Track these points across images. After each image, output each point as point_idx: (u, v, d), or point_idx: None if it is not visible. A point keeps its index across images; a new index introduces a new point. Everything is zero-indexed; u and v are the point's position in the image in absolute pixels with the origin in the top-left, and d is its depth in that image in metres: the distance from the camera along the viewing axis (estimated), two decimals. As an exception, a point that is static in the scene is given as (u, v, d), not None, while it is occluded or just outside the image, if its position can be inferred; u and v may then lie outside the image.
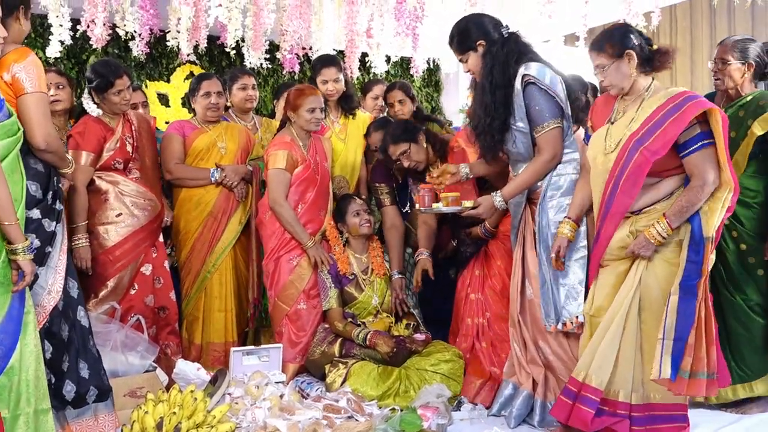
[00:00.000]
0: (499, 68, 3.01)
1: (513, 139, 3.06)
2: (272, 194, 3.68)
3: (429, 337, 3.58)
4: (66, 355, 2.66)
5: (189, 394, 2.79)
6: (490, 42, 3.05)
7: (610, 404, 2.73)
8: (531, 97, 2.97)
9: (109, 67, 3.57)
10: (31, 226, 2.49)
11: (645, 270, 2.71)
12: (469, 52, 3.11)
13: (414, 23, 4.14)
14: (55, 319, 2.60)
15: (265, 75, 6.01)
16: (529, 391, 3.07)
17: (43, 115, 2.51)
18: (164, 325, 3.76)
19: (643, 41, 2.75)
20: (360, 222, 3.67)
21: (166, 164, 3.84)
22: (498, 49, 3.03)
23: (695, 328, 2.54)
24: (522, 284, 3.14)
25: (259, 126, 4.28)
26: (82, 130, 3.51)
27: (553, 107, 2.97)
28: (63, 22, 3.69)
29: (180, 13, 3.87)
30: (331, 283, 3.66)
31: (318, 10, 4.39)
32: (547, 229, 2.99)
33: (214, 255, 3.85)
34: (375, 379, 3.32)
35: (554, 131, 2.97)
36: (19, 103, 2.47)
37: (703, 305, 2.55)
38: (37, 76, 2.48)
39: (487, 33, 3.06)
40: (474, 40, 3.08)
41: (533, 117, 2.98)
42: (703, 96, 2.73)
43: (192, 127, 3.92)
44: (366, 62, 5.33)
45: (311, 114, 3.69)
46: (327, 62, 4.07)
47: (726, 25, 5.97)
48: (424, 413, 2.96)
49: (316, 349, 3.60)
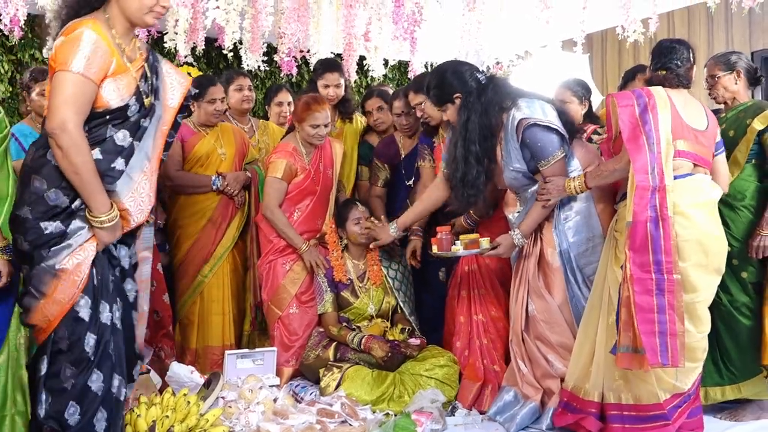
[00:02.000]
0: (475, 121, 3.01)
1: (509, 177, 3.09)
2: (266, 201, 3.71)
3: (424, 341, 3.57)
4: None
5: (182, 398, 2.78)
6: (466, 93, 3.05)
7: (580, 402, 2.84)
8: (531, 137, 2.98)
9: None
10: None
11: (609, 269, 2.86)
12: (446, 105, 3.12)
13: (412, 27, 4.13)
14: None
15: (262, 77, 6.01)
16: (537, 404, 3.05)
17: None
18: (158, 328, 3.74)
19: None
20: (360, 231, 3.67)
21: (166, 170, 3.78)
22: (474, 100, 3.03)
23: (622, 306, 2.68)
24: (525, 300, 3.14)
25: (256, 129, 4.28)
26: None
27: (553, 139, 2.99)
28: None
29: (177, 14, 3.86)
30: (327, 287, 3.65)
31: (316, 13, 4.38)
32: (569, 252, 3.03)
33: (212, 260, 3.84)
34: (369, 384, 3.31)
35: (559, 162, 3.01)
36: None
37: (624, 285, 2.68)
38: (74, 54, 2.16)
39: (463, 83, 3.07)
40: (450, 93, 3.09)
41: (537, 153, 3.00)
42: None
43: (189, 131, 3.90)
44: (364, 66, 5.33)
45: (314, 129, 3.69)
46: (331, 67, 4.09)
47: (723, 32, 5.99)
48: (419, 418, 2.96)
49: (311, 353, 3.60)
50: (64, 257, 2.19)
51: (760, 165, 3.17)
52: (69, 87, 2.14)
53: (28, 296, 2.23)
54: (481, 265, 3.50)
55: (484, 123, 3.00)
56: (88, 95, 2.18)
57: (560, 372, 3.04)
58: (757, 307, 3.14)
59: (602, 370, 2.82)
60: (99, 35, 2.18)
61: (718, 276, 2.85)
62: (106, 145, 2.24)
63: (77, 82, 2.14)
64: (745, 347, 3.15)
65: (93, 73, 2.16)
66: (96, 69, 2.17)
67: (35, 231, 2.18)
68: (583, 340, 2.90)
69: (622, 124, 2.77)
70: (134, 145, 2.30)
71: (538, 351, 3.09)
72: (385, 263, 3.77)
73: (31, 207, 2.19)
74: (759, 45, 5.83)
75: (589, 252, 3.02)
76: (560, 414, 2.92)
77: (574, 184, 2.93)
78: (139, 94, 2.32)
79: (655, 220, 2.66)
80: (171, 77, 2.49)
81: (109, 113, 2.24)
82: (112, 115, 2.25)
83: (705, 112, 2.94)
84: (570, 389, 2.90)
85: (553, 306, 3.06)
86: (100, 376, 2.26)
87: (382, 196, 4.02)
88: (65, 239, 2.20)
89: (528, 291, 3.12)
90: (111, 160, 2.25)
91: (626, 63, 5.94)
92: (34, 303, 2.21)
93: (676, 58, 2.91)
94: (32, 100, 3.41)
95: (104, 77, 2.21)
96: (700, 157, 2.85)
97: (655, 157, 2.70)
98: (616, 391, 2.80)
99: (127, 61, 2.30)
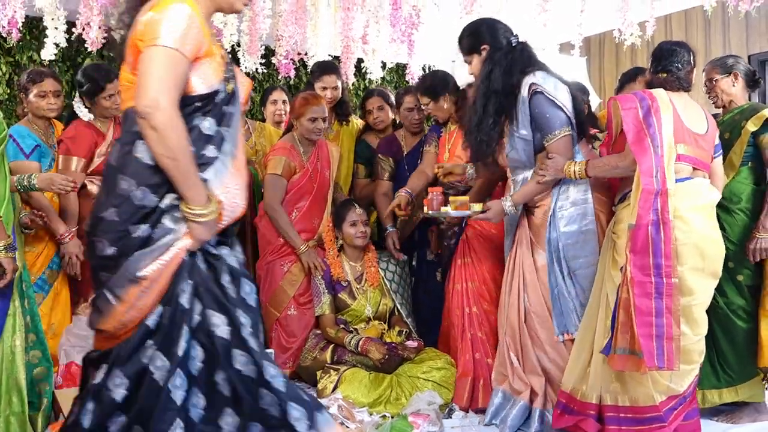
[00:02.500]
0: (498, 74, 3.02)
1: (514, 146, 3.06)
2: (267, 199, 3.71)
3: (421, 344, 3.58)
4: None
5: (179, 400, 2.77)
6: (495, 47, 3.06)
7: (578, 404, 2.84)
8: (539, 106, 2.96)
9: (99, 71, 3.56)
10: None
11: (607, 272, 2.85)
12: (473, 55, 3.13)
13: (410, 30, 4.14)
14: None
15: (260, 80, 6.01)
16: (525, 401, 3.05)
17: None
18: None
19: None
20: (355, 233, 3.67)
21: None
22: (501, 56, 3.04)
23: (621, 308, 2.67)
24: (520, 292, 3.11)
25: (252, 130, 4.28)
26: (73, 135, 3.49)
27: (559, 115, 2.97)
28: (58, 24, 3.69)
29: (175, 17, 3.86)
30: (325, 289, 3.65)
31: (314, 15, 4.39)
32: (558, 242, 2.99)
33: None
34: (366, 386, 3.31)
35: (565, 139, 2.97)
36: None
37: (624, 288, 2.67)
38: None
39: (494, 38, 3.07)
40: (479, 43, 3.09)
41: (543, 125, 2.97)
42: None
43: None
44: (362, 68, 5.34)
45: (312, 123, 3.71)
46: (328, 69, 4.10)
47: (720, 36, 6.01)
48: (415, 420, 2.96)
49: (308, 356, 3.60)
50: (149, 262, 1.93)
51: (756, 168, 3.18)
52: (162, 62, 1.90)
53: (101, 299, 1.99)
54: (474, 258, 3.49)
55: (506, 80, 3.00)
56: (182, 73, 1.95)
57: (547, 369, 3.03)
58: (753, 310, 3.15)
59: (599, 372, 2.81)
60: (193, 10, 1.97)
61: (715, 279, 2.85)
62: (192, 135, 2.00)
63: (171, 57, 1.91)
64: (741, 350, 3.16)
65: (188, 50, 1.94)
66: (190, 46, 1.95)
67: (123, 235, 1.95)
68: (582, 342, 2.90)
69: (626, 127, 2.76)
70: (223, 132, 2.07)
71: (530, 344, 3.08)
72: (383, 265, 3.77)
73: (117, 209, 1.96)
74: (756, 48, 5.84)
75: (579, 246, 2.98)
76: (559, 416, 2.92)
77: (574, 168, 2.90)
78: (225, 81, 2.10)
79: (657, 223, 2.65)
80: (238, 73, 2.26)
81: (199, 99, 2.03)
82: (202, 102, 2.04)
83: (705, 116, 2.94)
84: (569, 391, 2.90)
85: (544, 301, 3.04)
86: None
87: (388, 192, 3.95)
88: (150, 243, 1.95)
89: (524, 283, 3.10)
90: (200, 147, 2.01)
91: (623, 66, 5.95)
92: (109, 307, 1.96)
93: (677, 60, 2.91)
94: (30, 101, 3.39)
95: (196, 58, 1.99)
96: (699, 161, 2.85)
97: (659, 160, 2.70)
98: (613, 393, 2.80)
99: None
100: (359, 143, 4.27)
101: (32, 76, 3.40)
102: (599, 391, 2.82)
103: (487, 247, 3.49)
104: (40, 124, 3.41)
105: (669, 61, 2.91)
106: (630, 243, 2.67)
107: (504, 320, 3.18)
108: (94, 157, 3.54)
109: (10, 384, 2.38)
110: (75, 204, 3.47)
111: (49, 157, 3.41)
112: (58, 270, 3.42)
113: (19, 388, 2.42)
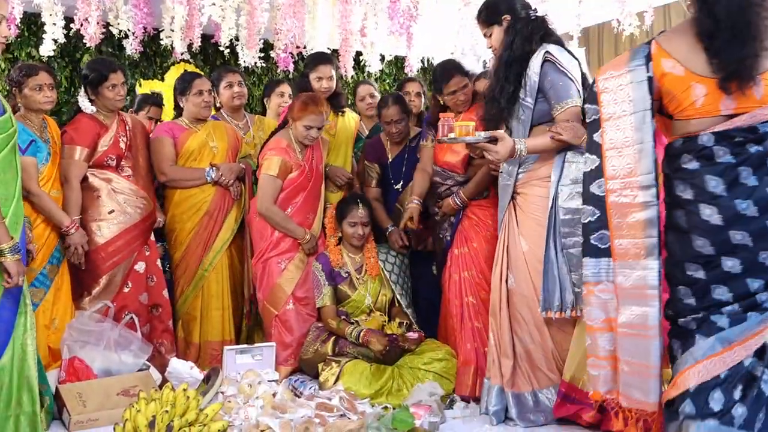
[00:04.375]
0: (519, 42, 3.02)
1: (519, 112, 3.06)
2: (261, 200, 3.70)
3: (422, 335, 3.59)
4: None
5: (181, 393, 2.79)
6: (516, 18, 3.07)
7: (579, 393, 2.84)
8: (551, 74, 2.95)
9: (104, 63, 3.64)
10: None
11: None
12: (493, 26, 3.12)
13: (408, 22, 4.14)
14: None
15: (259, 74, 6.01)
16: (500, 384, 3.06)
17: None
18: (158, 323, 3.77)
19: None
20: (353, 234, 3.67)
21: (159, 166, 3.82)
22: (522, 25, 3.05)
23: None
24: (504, 273, 3.11)
25: (251, 124, 4.29)
26: (76, 126, 3.56)
27: (570, 85, 2.95)
28: (56, 20, 3.70)
29: (174, 11, 3.87)
30: (325, 281, 3.66)
31: (312, 8, 4.39)
32: (556, 216, 2.96)
33: (211, 254, 3.86)
34: (368, 378, 3.32)
35: (576, 109, 2.93)
36: None
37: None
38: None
39: (514, 9, 3.09)
40: (500, 13, 3.10)
41: (553, 94, 2.95)
42: None
43: (181, 128, 3.90)
44: (360, 61, 5.34)
45: (307, 131, 3.71)
46: (323, 60, 4.08)
47: (719, 25, 5.98)
48: (417, 411, 2.97)
49: (309, 348, 3.61)
50: None
51: None
52: None
53: None
54: (470, 248, 3.49)
55: (526, 48, 3.02)
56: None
57: (530, 349, 3.01)
58: None
59: None
60: None
61: None
62: None
63: None
64: None
65: None
66: None
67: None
68: (581, 331, 2.91)
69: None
70: None
71: (507, 324, 3.05)
72: (382, 256, 3.78)
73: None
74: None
75: (574, 223, 2.92)
76: (559, 405, 2.93)
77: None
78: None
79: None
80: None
81: None
82: None
83: None
84: (569, 380, 2.90)
85: (532, 282, 3.01)
86: None
87: (378, 197, 4.01)
88: None
89: (509, 265, 3.08)
90: None
91: (622, 56, 5.93)
92: None
93: None
94: (25, 95, 3.35)
95: None
96: None
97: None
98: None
99: None
100: (369, 143, 4.27)
101: (26, 70, 3.38)
102: None
103: (484, 237, 3.49)
104: (34, 118, 3.41)
105: None
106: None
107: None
108: (97, 148, 3.57)
109: (21, 382, 2.37)
110: (78, 195, 3.50)
111: (45, 151, 3.41)
112: (58, 265, 3.43)
113: (30, 386, 2.42)
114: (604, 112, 2.37)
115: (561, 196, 2.96)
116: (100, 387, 3.16)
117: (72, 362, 3.26)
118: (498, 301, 3.12)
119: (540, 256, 2.97)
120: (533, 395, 3.03)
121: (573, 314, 2.92)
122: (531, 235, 3.03)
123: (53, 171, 3.45)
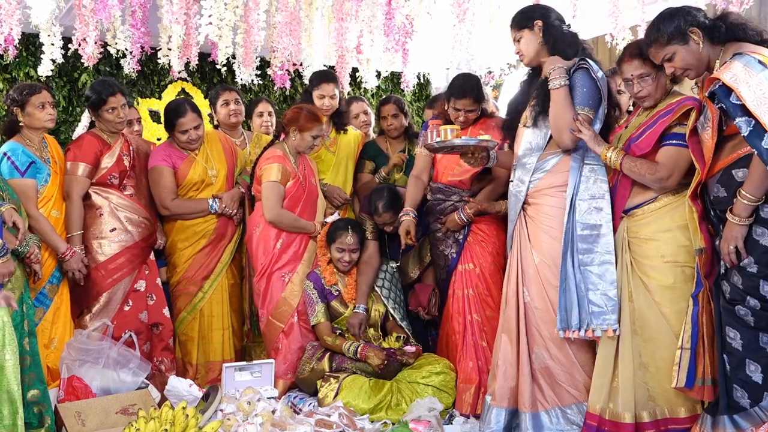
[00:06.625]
0: (560, 38, 3.03)
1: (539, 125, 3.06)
2: (268, 207, 3.70)
3: (419, 348, 3.59)
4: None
5: (180, 411, 2.79)
6: (548, 25, 3.06)
7: (610, 425, 2.76)
8: (581, 79, 2.93)
9: (104, 85, 3.67)
10: None
11: (634, 286, 2.79)
12: (524, 30, 3.09)
13: (403, 39, 4.16)
14: None
15: (256, 91, 6.03)
16: (507, 407, 3.02)
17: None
18: (158, 342, 3.77)
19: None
20: (339, 259, 3.69)
21: (162, 201, 3.78)
22: (559, 33, 3.05)
23: (700, 337, 2.61)
24: (519, 287, 3.05)
25: (248, 141, 4.31)
26: (80, 143, 3.62)
27: (594, 95, 2.93)
28: (54, 40, 3.71)
29: (171, 30, 3.89)
30: (317, 298, 3.66)
31: (308, 26, 4.41)
32: (573, 232, 2.89)
33: (212, 277, 3.86)
34: (367, 392, 3.32)
35: (588, 117, 2.91)
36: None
37: (704, 314, 2.61)
38: None
39: (547, 17, 3.07)
40: (531, 18, 3.07)
41: (575, 96, 2.93)
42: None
43: (179, 155, 3.85)
44: (357, 78, 5.37)
45: (314, 140, 3.80)
46: (327, 78, 4.14)
47: (712, 38, 6.02)
48: (416, 427, 2.97)
49: (305, 367, 3.59)
50: None
51: None
52: None
53: None
54: (475, 264, 3.50)
55: (568, 40, 3.05)
56: None
57: (549, 366, 2.96)
58: None
59: (631, 390, 2.74)
60: None
61: None
62: None
63: None
64: None
65: None
66: None
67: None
68: (605, 359, 2.82)
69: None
70: None
71: (525, 342, 3.00)
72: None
73: None
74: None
75: (590, 240, 2.88)
76: None
77: (610, 154, 2.80)
78: None
79: None
80: None
81: None
82: None
83: None
84: (598, 412, 2.81)
85: (547, 295, 2.97)
86: None
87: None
88: None
89: (524, 278, 3.02)
90: None
91: (617, 70, 5.96)
92: None
93: None
94: (28, 113, 3.35)
95: None
96: None
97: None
98: (651, 410, 2.74)
99: None
100: (369, 143, 4.33)
101: (28, 89, 3.40)
102: (633, 410, 2.75)
103: (490, 253, 3.50)
104: (35, 138, 3.43)
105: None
106: (705, 268, 2.64)
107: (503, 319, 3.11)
108: (100, 165, 3.60)
109: (0, 396, 2.37)
110: (80, 211, 3.53)
111: (44, 172, 3.43)
112: (58, 284, 3.44)
113: (12, 399, 2.41)
114: None
115: (578, 210, 2.91)
116: (99, 405, 3.15)
117: (71, 381, 3.26)
118: (515, 316, 3.04)
119: (554, 270, 2.93)
120: (555, 413, 2.96)
121: (589, 334, 2.85)
122: (543, 248, 2.98)
123: (53, 191, 3.47)
